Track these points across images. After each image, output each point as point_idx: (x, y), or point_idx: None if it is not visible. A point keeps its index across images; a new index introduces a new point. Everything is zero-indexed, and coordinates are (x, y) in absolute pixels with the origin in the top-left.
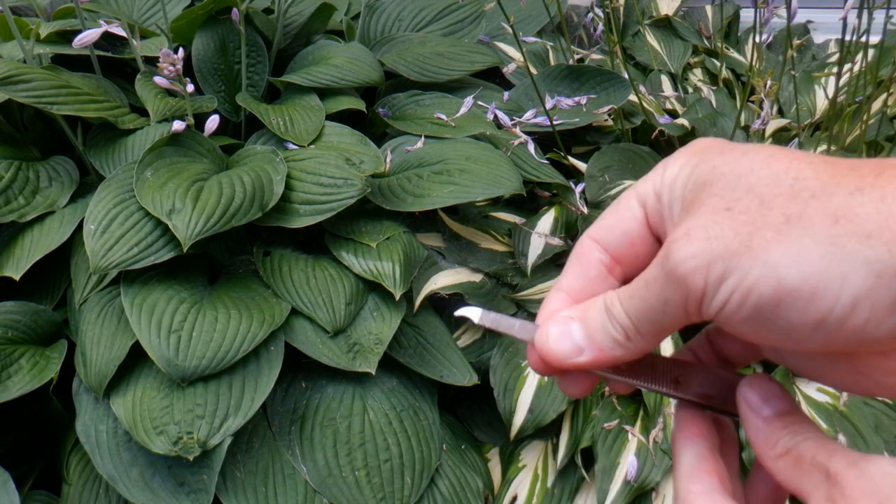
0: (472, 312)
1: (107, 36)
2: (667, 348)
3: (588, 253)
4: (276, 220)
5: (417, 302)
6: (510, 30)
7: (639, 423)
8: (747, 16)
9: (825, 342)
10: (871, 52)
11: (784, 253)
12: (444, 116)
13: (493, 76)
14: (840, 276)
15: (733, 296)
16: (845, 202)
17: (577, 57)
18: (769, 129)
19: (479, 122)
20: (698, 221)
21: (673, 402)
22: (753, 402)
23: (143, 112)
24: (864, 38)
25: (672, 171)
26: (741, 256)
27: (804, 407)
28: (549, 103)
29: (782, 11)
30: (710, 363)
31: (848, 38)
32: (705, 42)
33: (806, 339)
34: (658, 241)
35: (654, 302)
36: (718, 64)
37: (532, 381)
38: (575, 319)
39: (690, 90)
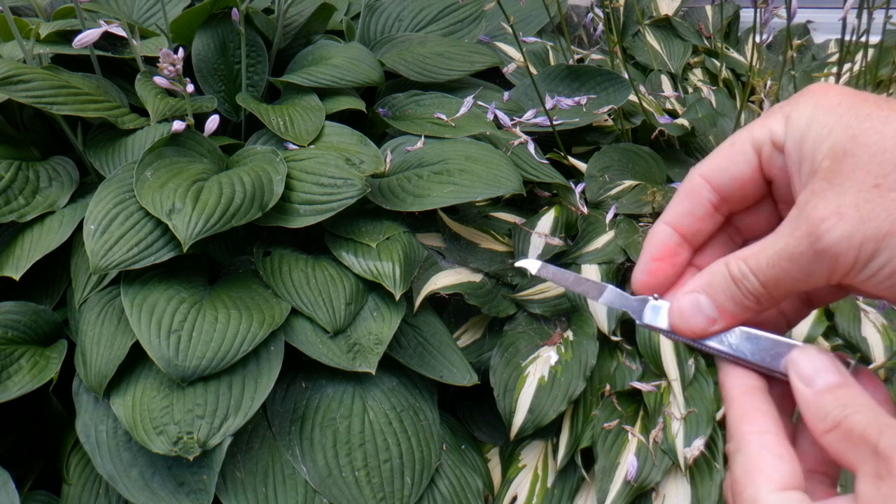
0: (531, 264)
1: (107, 36)
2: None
3: (698, 191)
4: (276, 220)
5: (417, 302)
6: (510, 30)
7: (639, 423)
8: (747, 16)
9: None
10: (870, 52)
11: None
12: (444, 116)
13: (493, 76)
14: None
15: (883, 270)
16: None
17: (577, 57)
18: None
19: (479, 122)
20: (848, 200)
21: (679, 394)
22: (805, 374)
23: (143, 112)
24: (863, 38)
25: (799, 124)
26: (892, 237)
27: None
28: (549, 103)
29: (782, 11)
30: (788, 306)
31: (848, 38)
32: (705, 42)
33: None
34: (768, 183)
35: (797, 274)
36: (718, 64)
37: (532, 381)
38: (701, 292)
39: (690, 90)
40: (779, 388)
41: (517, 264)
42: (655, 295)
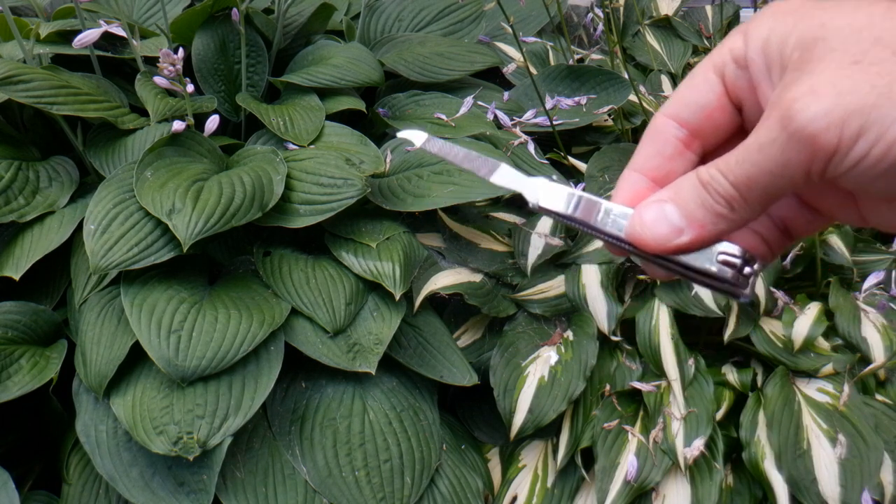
0: (416, 136)
1: (107, 36)
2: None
3: (662, 130)
4: (276, 220)
5: (417, 302)
6: (510, 30)
7: (639, 423)
8: (747, 16)
9: None
10: None
11: None
12: (444, 116)
13: (493, 76)
14: None
15: (873, 150)
16: None
17: (577, 57)
18: None
19: (479, 122)
20: (823, 77)
21: (679, 394)
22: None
23: (143, 112)
24: None
25: (759, 33)
26: (881, 108)
27: (804, 407)
28: (549, 103)
29: None
30: (768, 235)
31: None
32: (705, 42)
33: None
34: (739, 110)
35: (771, 166)
36: None
37: (532, 381)
38: (667, 201)
39: None
40: None
41: (398, 135)
42: (554, 176)
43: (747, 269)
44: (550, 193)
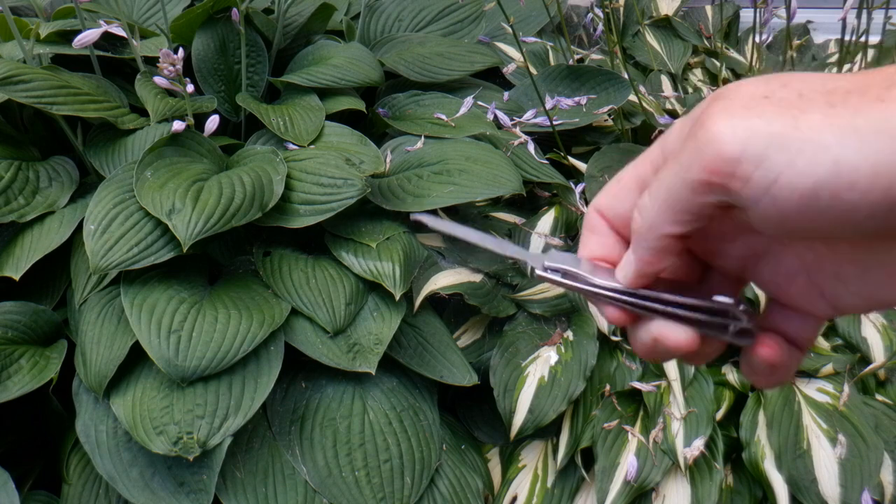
0: (427, 219)
1: (107, 36)
2: None
3: (597, 223)
4: (276, 220)
5: (417, 302)
6: (510, 30)
7: (639, 423)
8: (747, 16)
9: (884, 225)
10: (870, 52)
11: (837, 133)
12: (444, 116)
13: (493, 76)
14: None
15: (780, 178)
16: (884, 92)
17: (577, 57)
18: None
19: (479, 122)
20: (736, 103)
21: (679, 394)
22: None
23: (143, 112)
24: (863, 39)
25: (673, 135)
26: (788, 137)
27: (804, 407)
28: (549, 103)
29: (782, 11)
30: (796, 333)
31: (847, 38)
32: (705, 42)
33: (862, 222)
34: None
35: (676, 168)
36: (718, 64)
37: (532, 381)
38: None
39: (690, 90)
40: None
41: (413, 218)
42: (552, 249)
43: (742, 306)
44: (553, 259)
